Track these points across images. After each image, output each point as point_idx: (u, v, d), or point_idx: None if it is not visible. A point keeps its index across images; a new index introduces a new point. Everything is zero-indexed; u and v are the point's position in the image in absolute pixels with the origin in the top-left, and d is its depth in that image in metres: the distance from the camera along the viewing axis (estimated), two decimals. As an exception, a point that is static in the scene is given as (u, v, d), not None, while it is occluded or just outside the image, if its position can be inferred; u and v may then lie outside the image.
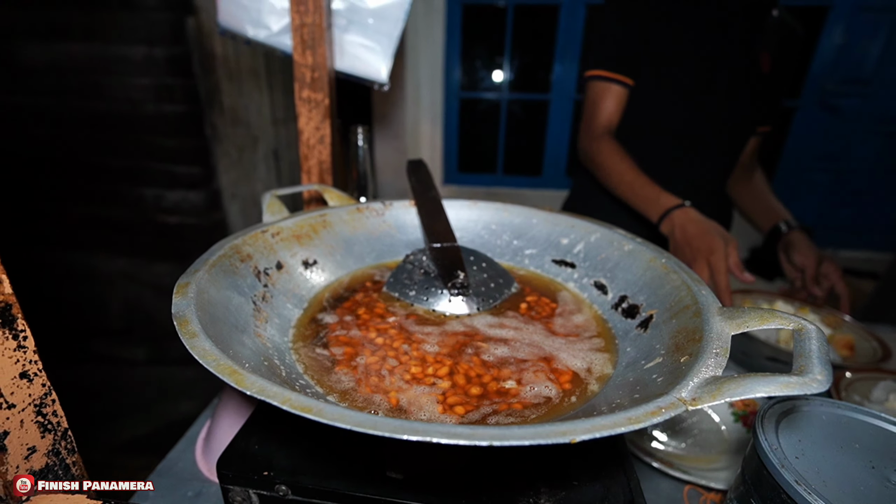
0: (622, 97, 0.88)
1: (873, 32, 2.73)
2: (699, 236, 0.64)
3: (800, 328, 0.27)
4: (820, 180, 3.14)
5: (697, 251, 0.64)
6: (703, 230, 0.65)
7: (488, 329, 0.41)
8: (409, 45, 2.38)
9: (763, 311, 0.30)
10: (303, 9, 0.59)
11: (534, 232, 0.55)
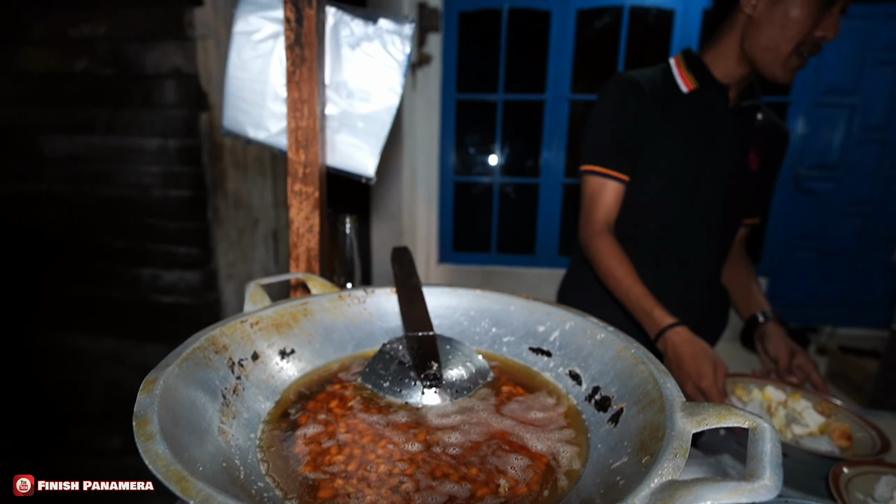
0: (619, 192, 0.92)
1: (832, 124, 2.96)
2: (689, 360, 0.67)
3: (754, 427, 0.27)
4: (807, 258, 3.22)
5: (688, 376, 0.67)
6: (694, 354, 0.67)
7: (460, 422, 0.40)
8: (406, 134, 2.57)
9: (722, 407, 0.30)
10: (298, 115, 0.66)
11: (511, 319, 0.56)
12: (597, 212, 0.91)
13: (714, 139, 0.90)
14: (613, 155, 0.91)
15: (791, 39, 0.78)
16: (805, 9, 0.75)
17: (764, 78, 0.85)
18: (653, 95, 0.90)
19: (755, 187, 0.97)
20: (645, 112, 0.90)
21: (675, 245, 0.95)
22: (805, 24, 0.77)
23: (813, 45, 0.80)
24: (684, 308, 0.98)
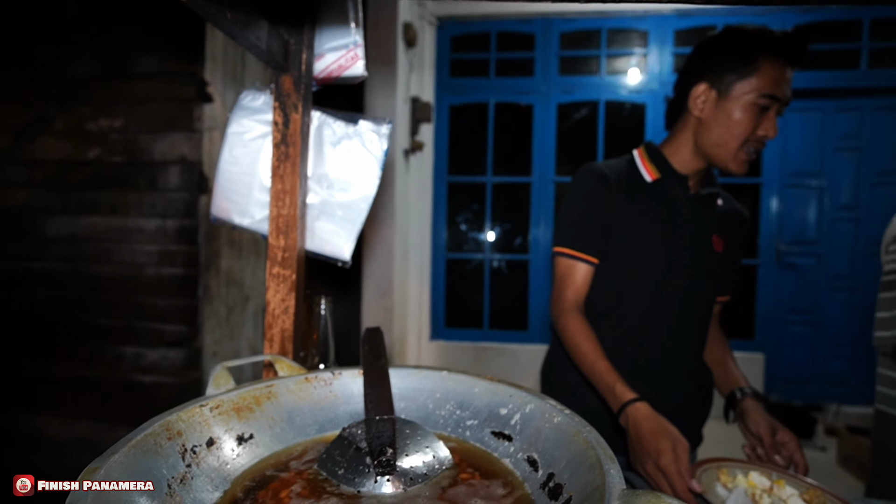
0: (588, 273, 0.97)
1: (804, 203, 3.12)
2: (648, 437, 0.68)
3: (677, 516, 0.27)
4: (800, 333, 3.20)
5: (647, 453, 0.67)
6: (653, 430, 0.68)
7: (411, 514, 0.40)
8: (398, 214, 2.68)
9: (653, 496, 0.30)
10: (281, 204, 0.71)
11: (476, 402, 0.57)
12: (566, 291, 0.95)
13: (678, 225, 0.97)
14: (582, 239, 0.96)
15: (737, 138, 0.87)
16: (745, 112, 0.86)
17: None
18: (618, 184, 0.97)
19: (722, 267, 1.01)
20: (612, 200, 0.97)
21: (653, 326, 0.97)
22: (747, 125, 0.86)
23: (757, 142, 0.89)
24: (669, 389, 0.97)
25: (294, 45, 0.70)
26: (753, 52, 0.85)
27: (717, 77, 0.90)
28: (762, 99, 0.85)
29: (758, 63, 0.85)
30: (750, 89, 0.86)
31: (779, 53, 0.84)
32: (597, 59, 3.18)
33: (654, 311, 0.96)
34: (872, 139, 3.03)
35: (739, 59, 0.86)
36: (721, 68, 0.89)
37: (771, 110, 0.87)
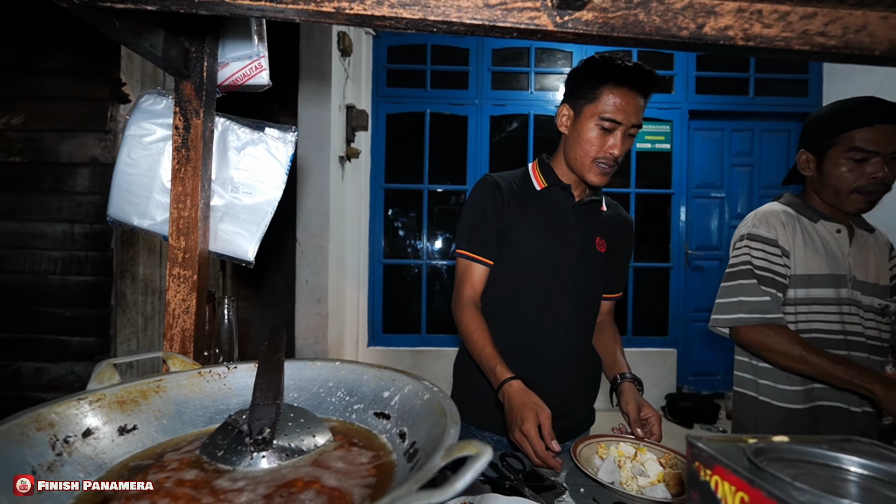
0: (483, 273, 1.08)
1: (708, 212, 3.47)
2: (517, 408, 0.77)
3: (477, 451, 0.34)
4: (707, 329, 3.55)
5: (514, 421, 0.77)
6: (522, 402, 0.78)
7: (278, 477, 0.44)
8: (333, 220, 2.68)
9: (468, 444, 0.37)
10: (181, 206, 0.73)
11: (364, 388, 0.62)
12: (464, 288, 1.05)
13: (564, 229, 1.08)
14: (477, 242, 1.06)
15: (587, 153, 0.99)
16: (592, 132, 0.97)
17: None
18: (511, 193, 1.08)
19: (606, 267, 1.13)
20: (504, 207, 1.07)
21: (544, 320, 1.07)
22: (594, 142, 0.98)
23: (609, 158, 0.99)
24: (561, 375, 1.07)
25: (195, 54, 0.73)
26: (597, 80, 0.97)
27: (573, 100, 1.02)
28: (603, 121, 0.96)
29: (600, 90, 0.96)
30: (592, 113, 0.97)
31: (618, 82, 0.95)
32: (526, 75, 3.38)
33: (545, 306, 1.06)
34: (761, 157, 3.45)
35: (587, 86, 0.98)
36: (576, 92, 1.01)
37: (617, 131, 0.97)
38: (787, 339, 1.07)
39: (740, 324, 1.14)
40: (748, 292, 1.14)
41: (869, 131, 1.05)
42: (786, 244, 1.16)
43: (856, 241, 1.17)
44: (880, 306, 1.16)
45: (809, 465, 0.39)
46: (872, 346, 1.12)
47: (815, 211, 1.19)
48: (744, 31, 0.49)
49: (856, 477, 0.37)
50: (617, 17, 0.48)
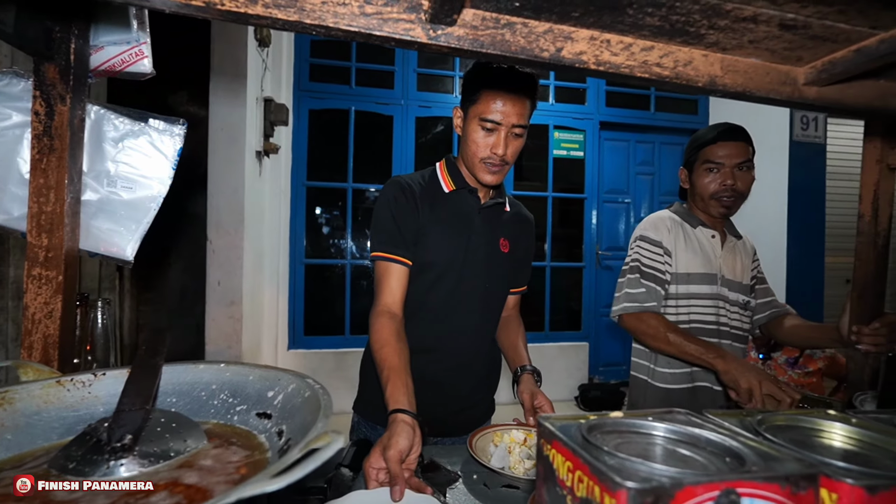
0: (403, 274, 1.05)
1: (616, 216, 3.78)
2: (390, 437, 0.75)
3: (329, 441, 0.36)
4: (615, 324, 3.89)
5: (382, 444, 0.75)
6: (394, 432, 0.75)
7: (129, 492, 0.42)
8: (249, 218, 2.55)
9: (323, 435, 0.38)
10: (43, 200, 0.66)
11: (248, 389, 0.61)
12: (382, 294, 1.02)
13: (471, 231, 1.12)
14: (394, 242, 1.06)
15: (475, 154, 1.03)
16: (477, 132, 1.01)
17: None
18: (421, 194, 1.10)
19: (510, 265, 1.20)
20: (417, 209, 1.08)
21: (452, 320, 1.10)
22: (479, 142, 1.01)
23: (495, 157, 1.02)
24: (464, 371, 1.12)
25: (60, 34, 0.67)
26: (478, 84, 1.02)
27: (463, 102, 1.07)
28: (484, 122, 0.99)
29: (480, 93, 1.01)
30: (475, 114, 1.01)
31: (495, 86, 0.99)
32: (451, 78, 3.45)
33: (451, 307, 1.10)
34: (661, 167, 3.83)
35: (471, 89, 1.03)
36: (465, 95, 1.06)
37: (499, 131, 1.00)
38: (656, 324, 1.21)
39: (624, 312, 1.27)
40: (633, 286, 1.28)
41: (716, 147, 1.24)
42: (669, 246, 1.31)
43: (727, 245, 1.35)
44: (743, 301, 1.35)
45: (632, 434, 0.46)
46: (736, 335, 1.31)
47: (695, 218, 1.36)
48: (595, 56, 0.55)
49: (664, 441, 0.44)
50: (486, 34, 0.53)
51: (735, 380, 1.07)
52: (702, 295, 1.30)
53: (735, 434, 0.45)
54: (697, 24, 0.53)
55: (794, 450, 0.42)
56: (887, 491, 0.36)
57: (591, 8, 0.51)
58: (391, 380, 0.87)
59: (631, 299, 1.27)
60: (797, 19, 0.51)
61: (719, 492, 0.34)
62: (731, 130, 1.25)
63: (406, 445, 0.74)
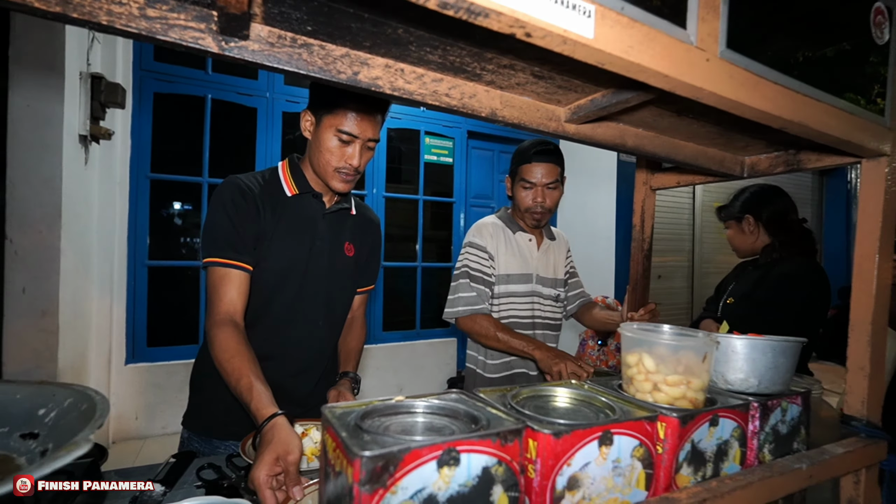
0: (242, 280, 0.98)
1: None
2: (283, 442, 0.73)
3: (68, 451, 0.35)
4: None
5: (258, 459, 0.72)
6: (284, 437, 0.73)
7: None
8: (70, 211, 2.18)
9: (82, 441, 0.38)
10: None
11: (14, 409, 0.55)
12: (219, 303, 0.96)
13: (315, 237, 1.11)
14: (234, 246, 0.99)
15: (329, 163, 1.01)
16: (332, 142, 1.00)
17: None
18: (262, 196, 1.05)
19: (356, 268, 1.23)
20: (257, 212, 1.03)
21: (295, 326, 1.09)
22: (334, 152, 1.00)
23: (349, 168, 1.01)
24: (306, 376, 1.12)
25: None
26: (334, 94, 1.00)
27: (315, 108, 1.01)
28: (341, 133, 0.98)
29: (337, 104, 0.98)
30: (331, 124, 0.99)
31: (352, 99, 0.97)
32: (323, 76, 3.38)
33: (294, 314, 1.09)
34: (521, 176, 4.24)
35: (327, 97, 0.99)
36: (317, 101, 1.01)
37: (355, 144, 1.00)
38: (486, 324, 1.36)
39: (459, 315, 1.40)
40: (464, 290, 1.41)
41: (531, 167, 1.41)
42: (492, 250, 1.47)
43: (542, 247, 1.56)
44: (555, 296, 1.57)
45: (402, 414, 0.53)
46: (548, 325, 1.53)
47: (515, 224, 1.54)
48: (390, 83, 0.62)
49: (426, 416, 0.53)
50: (283, 52, 0.56)
51: (548, 365, 1.26)
52: (519, 293, 1.49)
53: (486, 405, 0.55)
54: (472, 65, 0.63)
55: (518, 412, 0.53)
56: (568, 434, 0.49)
57: (378, 41, 0.57)
58: (254, 387, 0.82)
59: (464, 303, 1.40)
60: (542, 72, 0.64)
61: (442, 451, 0.43)
62: (545, 152, 1.41)
63: (300, 445, 0.73)
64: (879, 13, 0.74)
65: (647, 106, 0.75)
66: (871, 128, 0.75)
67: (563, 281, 1.61)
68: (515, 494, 0.46)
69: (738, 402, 0.65)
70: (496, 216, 1.57)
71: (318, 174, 1.08)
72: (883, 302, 0.80)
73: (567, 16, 0.43)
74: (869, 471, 0.78)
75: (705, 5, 0.53)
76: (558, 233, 1.66)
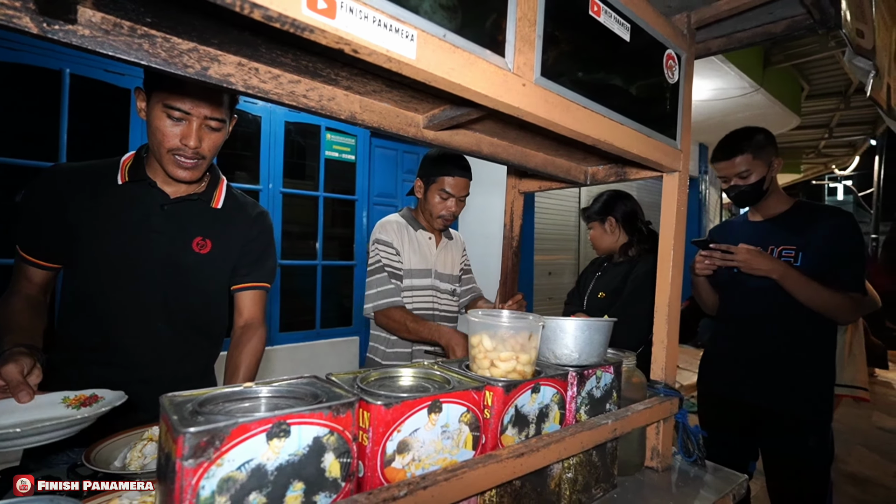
0: (41, 276, 0.99)
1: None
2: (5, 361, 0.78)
3: None
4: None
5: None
6: (9, 357, 0.79)
7: None
8: None
9: None
10: None
11: None
12: (18, 282, 0.98)
13: (147, 230, 1.00)
14: (29, 240, 0.96)
15: (161, 144, 0.92)
16: (162, 120, 0.91)
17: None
18: (81, 185, 0.97)
19: (211, 267, 1.10)
20: (63, 202, 0.95)
21: (127, 324, 1.00)
22: (168, 132, 0.91)
23: (186, 150, 0.94)
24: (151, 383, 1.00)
25: None
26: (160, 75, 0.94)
27: (146, 83, 0.93)
28: (169, 109, 0.90)
29: (164, 77, 0.87)
30: (159, 99, 0.90)
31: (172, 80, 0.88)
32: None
33: (126, 309, 1.00)
34: (424, 176, 4.35)
35: (155, 76, 0.91)
36: (148, 75, 0.91)
37: (189, 122, 0.92)
38: (400, 317, 1.43)
39: (379, 308, 1.45)
40: (382, 284, 1.47)
41: (452, 180, 1.51)
42: (398, 245, 1.54)
43: (441, 245, 1.66)
44: (451, 290, 1.68)
45: (249, 400, 0.56)
46: (447, 317, 1.64)
47: (417, 223, 1.62)
48: (244, 80, 0.64)
49: (268, 398, 0.56)
50: (120, 41, 0.55)
51: (451, 347, 1.34)
52: (420, 287, 1.58)
53: (334, 387, 0.60)
54: (326, 71, 0.67)
55: (361, 390, 0.59)
56: (398, 405, 0.55)
57: (226, 40, 0.59)
58: (8, 328, 0.88)
59: (382, 296, 1.46)
60: (393, 82, 0.71)
61: (272, 424, 0.46)
62: (467, 168, 1.54)
63: (25, 362, 0.79)
64: (671, 58, 0.93)
65: (491, 118, 0.85)
66: (666, 149, 0.94)
67: (458, 277, 1.73)
68: (347, 460, 0.51)
69: (559, 372, 0.77)
70: (399, 214, 1.65)
71: (156, 158, 0.98)
72: (677, 287, 1.01)
73: (390, 38, 0.49)
74: (666, 423, 0.98)
75: (522, 39, 0.63)
76: (455, 233, 1.79)
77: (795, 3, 0.95)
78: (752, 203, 1.52)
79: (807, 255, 1.39)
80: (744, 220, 1.62)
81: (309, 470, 0.47)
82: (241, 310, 1.16)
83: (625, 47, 0.82)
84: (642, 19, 0.85)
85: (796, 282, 1.33)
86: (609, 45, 0.79)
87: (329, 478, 0.49)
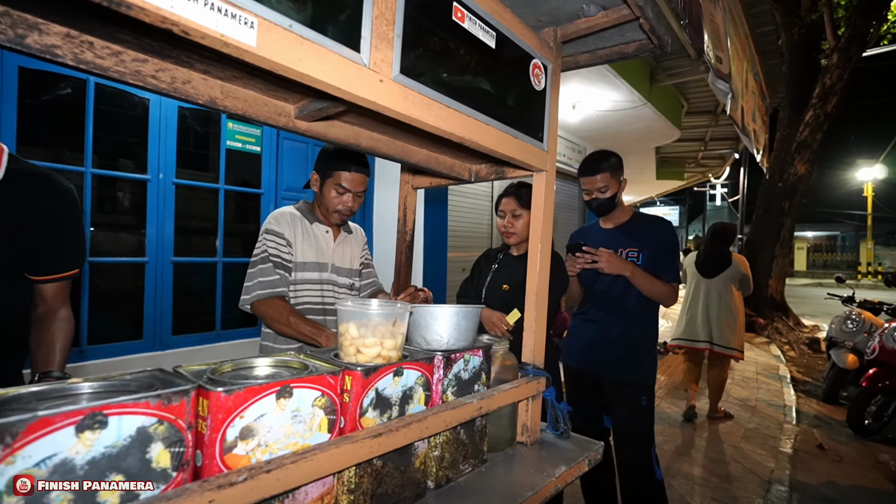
0: None
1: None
2: None
3: None
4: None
5: None
6: None
7: None
8: None
9: None
10: None
11: None
12: None
13: None
14: None
15: None
16: None
17: None
18: None
19: (36, 249, 1.06)
20: None
21: None
22: None
23: None
24: None
25: None
26: None
27: None
28: None
29: None
30: None
31: None
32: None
33: None
34: (337, 171, 4.25)
35: None
36: None
37: None
38: (280, 309, 1.38)
39: (256, 299, 1.38)
40: (266, 274, 1.41)
41: (349, 175, 1.49)
42: (290, 237, 1.49)
43: (339, 239, 1.64)
44: (349, 284, 1.67)
45: (69, 396, 0.52)
46: None
47: (314, 216, 1.59)
48: (74, 54, 0.59)
49: (93, 393, 0.53)
50: None
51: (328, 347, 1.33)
52: (312, 280, 1.55)
53: (179, 378, 0.58)
54: (175, 52, 0.65)
55: (202, 380, 0.57)
56: (240, 391, 0.55)
57: (46, 9, 0.54)
58: None
59: (263, 286, 1.39)
60: (252, 67, 0.69)
61: (84, 416, 0.44)
62: (364, 164, 1.52)
63: None
64: (537, 67, 1.02)
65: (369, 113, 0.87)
66: (533, 150, 1.03)
67: (357, 271, 1.71)
68: (180, 449, 0.50)
69: (425, 356, 0.82)
70: (295, 207, 1.60)
71: None
72: (544, 277, 1.11)
73: (225, 23, 0.49)
74: (534, 400, 1.07)
75: (378, 36, 0.66)
76: (355, 227, 1.77)
77: (640, 28, 1.09)
78: (607, 213, 1.88)
79: (645, 256, 1.79)
80: (598, 227, 1.98)
81: (130, 461, 0.46)
82: (45, 297, 1.11)
83: (491, 54, 0.89)
84: (508, 29, 0.92)
85: (641, 277, 1.72)
86: (474, 50, 0.85)
87: (157, 468, 0.48)
